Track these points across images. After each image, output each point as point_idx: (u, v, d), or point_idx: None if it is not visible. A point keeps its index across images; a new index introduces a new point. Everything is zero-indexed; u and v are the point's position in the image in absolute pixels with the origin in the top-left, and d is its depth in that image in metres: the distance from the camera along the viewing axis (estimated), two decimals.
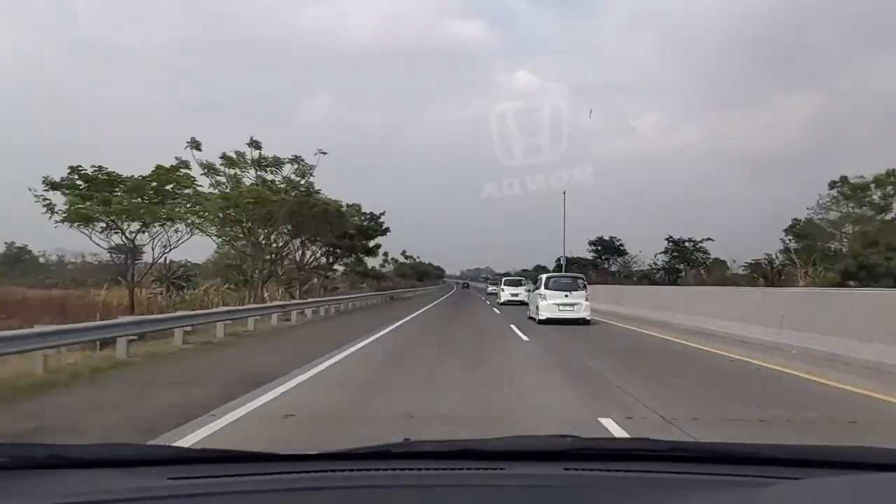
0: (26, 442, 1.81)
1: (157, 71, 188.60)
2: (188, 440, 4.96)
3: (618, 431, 5.22)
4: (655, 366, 10.22)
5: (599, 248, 63.71)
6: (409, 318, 21.75)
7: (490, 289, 60.89)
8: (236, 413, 6.03)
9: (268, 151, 24.90)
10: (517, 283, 36.40)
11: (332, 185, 53.52)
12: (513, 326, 17.80)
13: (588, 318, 19.23)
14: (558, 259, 69.83)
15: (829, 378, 8.64)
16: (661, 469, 1.49)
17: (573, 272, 30.89)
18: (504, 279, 40.61)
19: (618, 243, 62.12)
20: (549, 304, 19.16)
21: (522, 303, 30.90)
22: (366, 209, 37.22)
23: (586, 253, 63.85)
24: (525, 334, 15.41)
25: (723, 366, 10.23)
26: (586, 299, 19.43)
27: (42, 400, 6.72)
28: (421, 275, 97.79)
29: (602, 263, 62.39)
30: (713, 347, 12.62)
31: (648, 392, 7.45)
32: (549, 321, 18.77)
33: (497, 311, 27.28)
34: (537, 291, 20.56)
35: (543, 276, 21.03)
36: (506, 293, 35.24)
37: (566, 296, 19.36)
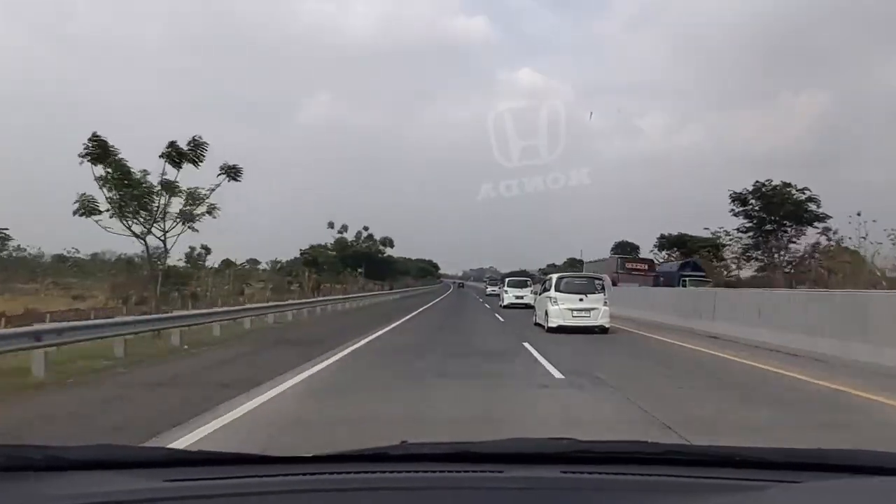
0: (22, 444, 1.66)
1: (152, 70, 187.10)
2: None
3: None
4: None
5: (755, 206, 29.15)
6: None
7: (489, 289, 57.78)
8: None
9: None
10: (522, 284, 34.53)
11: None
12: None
13: (607, 325, 16.81)
14: (617, 246, 54.05)
15: None
16: (659, 472, 1.50)
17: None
18: (507, 279, 37.85)
19: (802, 196, 28.04)
20: (561, 309, 16.79)
21: (528, 306, 28.80)
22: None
23: (726, 217, 31.65)
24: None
25: None
26: (605, 304, 16.96)
27: None
28: (375, 269, 60.77)
29: (769, 241, 28.64)
30: None
31: None
32: (560, 329, 16.47)
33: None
34: (546, 294, 17.87)
35: (553, 277, 18.41)
36: (509, 295, 33.13)
37: (581, 300, 16.86)
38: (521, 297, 31.88)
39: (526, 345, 13.70)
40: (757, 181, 30.10)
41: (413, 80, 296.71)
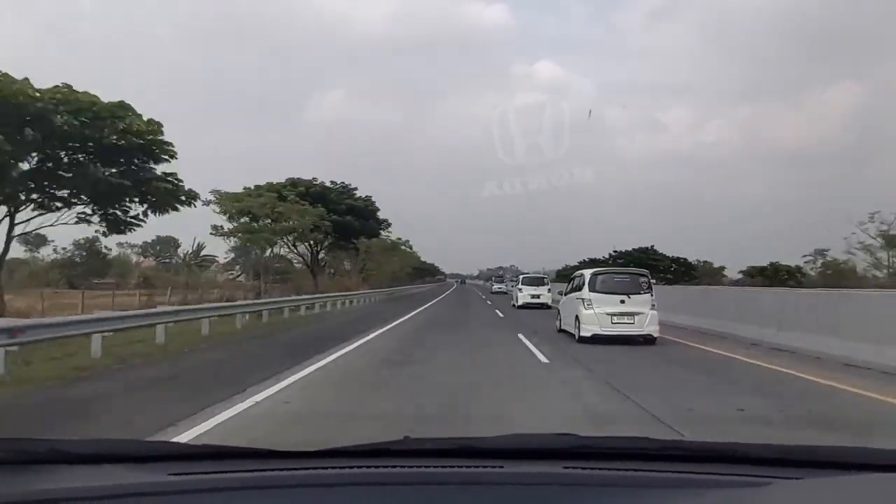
0: (26, 437, 1.58)
1: (155, 67, 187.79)
2: None
3: None
4: None
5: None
6: None
7: (495, 287, 57.51)
8: None
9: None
10: (539, 282, 33.19)
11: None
12: None
13: (655, 334, 14.27)
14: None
15: None
16: (661, 468, 1.52)
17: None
18: (522, 276, 36.33)
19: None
20: (598, 313, 14.19)
21: (543, 305, 28.43)
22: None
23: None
24: None
25: None
26: (652, 307, 14.33)
27: None
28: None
29: None
30: None
31: None
32: (596, 338, 13.95)
33: None
34: (577, 294, 15.19)
35: (587, 273, 15.40)
36: (524, 294, 31.67)
37: (622, 301, 14.22)
38: (538, 297, 31.00)
39: None
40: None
41: (428, 75, 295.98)
